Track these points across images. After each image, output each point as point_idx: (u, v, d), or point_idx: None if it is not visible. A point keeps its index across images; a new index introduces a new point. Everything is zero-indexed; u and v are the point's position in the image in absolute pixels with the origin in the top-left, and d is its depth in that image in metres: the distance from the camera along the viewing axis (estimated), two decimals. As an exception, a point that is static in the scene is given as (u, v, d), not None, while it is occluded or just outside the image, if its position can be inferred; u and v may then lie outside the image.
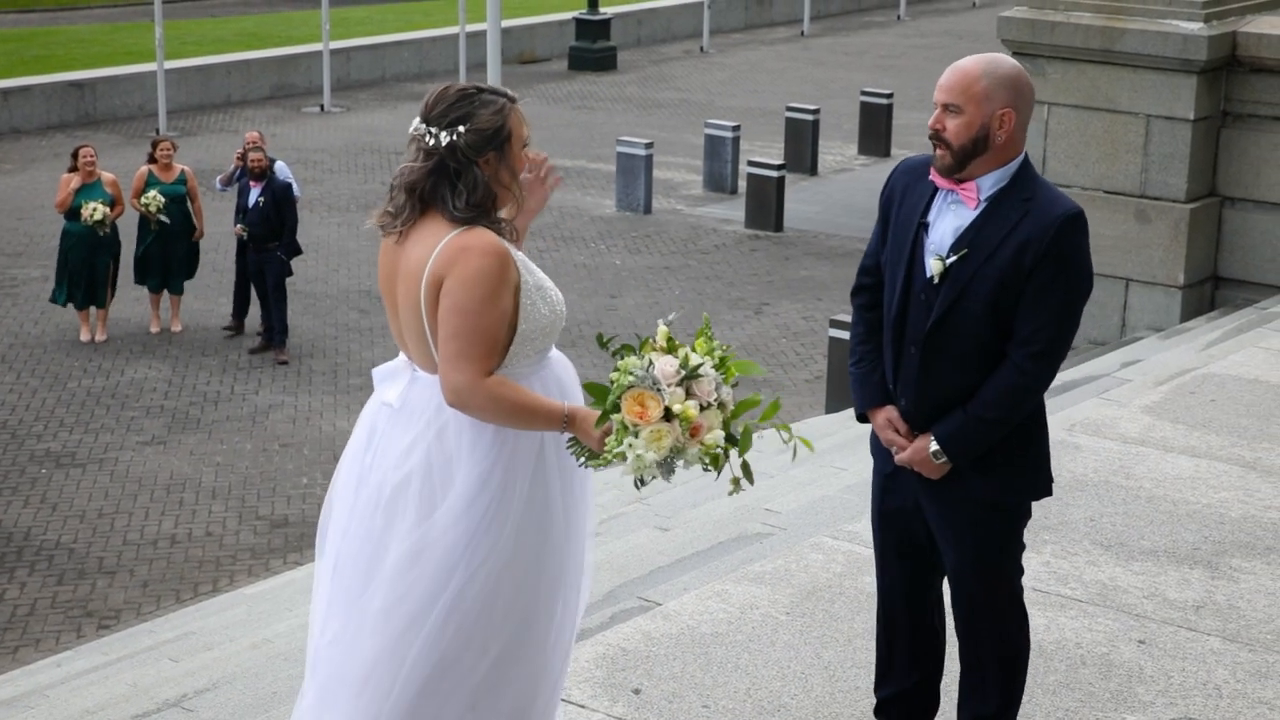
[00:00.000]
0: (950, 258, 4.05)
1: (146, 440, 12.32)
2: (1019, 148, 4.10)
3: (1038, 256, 3.96)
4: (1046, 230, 3.97)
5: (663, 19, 31.62)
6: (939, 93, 4.11)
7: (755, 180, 18.30)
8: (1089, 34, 8.95)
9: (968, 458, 4.08)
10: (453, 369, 3.81)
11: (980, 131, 4.02)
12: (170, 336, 14.55)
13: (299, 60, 26.12)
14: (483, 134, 3.87)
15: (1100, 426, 6.15)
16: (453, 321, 3.80)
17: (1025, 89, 4.07)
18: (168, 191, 14.32)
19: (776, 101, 24.14)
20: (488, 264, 3.80)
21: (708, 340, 3.77)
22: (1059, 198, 4.07)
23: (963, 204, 4.09)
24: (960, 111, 4.04)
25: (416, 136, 3.88)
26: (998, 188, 4.07)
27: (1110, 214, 9.16)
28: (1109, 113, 9.04)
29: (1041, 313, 3.98)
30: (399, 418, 3.97)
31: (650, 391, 3.66)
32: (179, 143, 21.81)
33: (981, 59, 4.11)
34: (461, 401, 3.82)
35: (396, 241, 3.92)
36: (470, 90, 3.91)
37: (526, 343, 3.90)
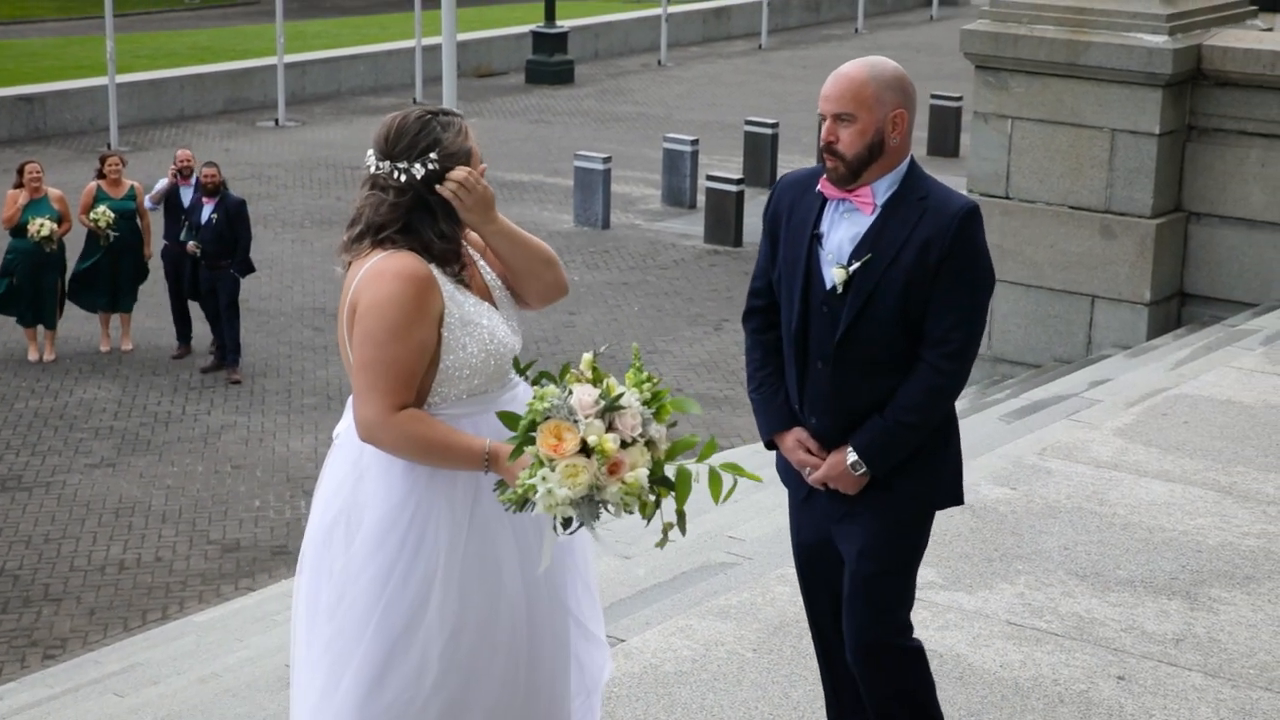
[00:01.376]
0: (853, 265, 3.97)
1: (95, 463, 12.05)
2: (908, 148, 4.03)
3: (942, 254, 3.91)
4: (947, 227, 3.91)
5: (620, 32, 31.50)
6: (826, 103, 3.99)
7: (714, 194, 18.16)
8: (1053, 47, 8.83)
9: (887, 466, 3.97)
10: (361, 402, 3.62)
11: (875, 137, 3.93)
12: (120, 355, 14.29)
13: (253, 74, 25.87)
14: (453, 158, 3.71)
15: (1071, 450, 6.00)
16: (362, 351, 3.62)
17: (910, 88, 4.02)
18: (117, 207, 14.06)
19: (735, 115, 24.03)
20: (399, 289, 3.59)
21: (637, 372, 3.54)
22: (952, 194, 4.02)
23: (857, 211, 4.01)
24: (853, 119, 3.94)
25: (380, 175, 3.69)
26: (892, 191, 3.99)
27: (1075, 230, 9.04)
28: (1073, 127, 8.92)
29: (952, 311, 3.92)
30: (336, 454, 3.82)
31: (566, 422, 3.42)
32: (130, 157, 21.57)
33: (863, 63, 4.02)
34: (371, 436, 3.63)
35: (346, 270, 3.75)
36: (426, 116, 3.75)
37: (454, 381, 3.68)
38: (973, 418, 7.92)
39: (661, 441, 3.50)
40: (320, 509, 3.79)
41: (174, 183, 14.02)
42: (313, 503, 3.88)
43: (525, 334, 3.91)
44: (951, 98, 22.91)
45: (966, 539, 5.59)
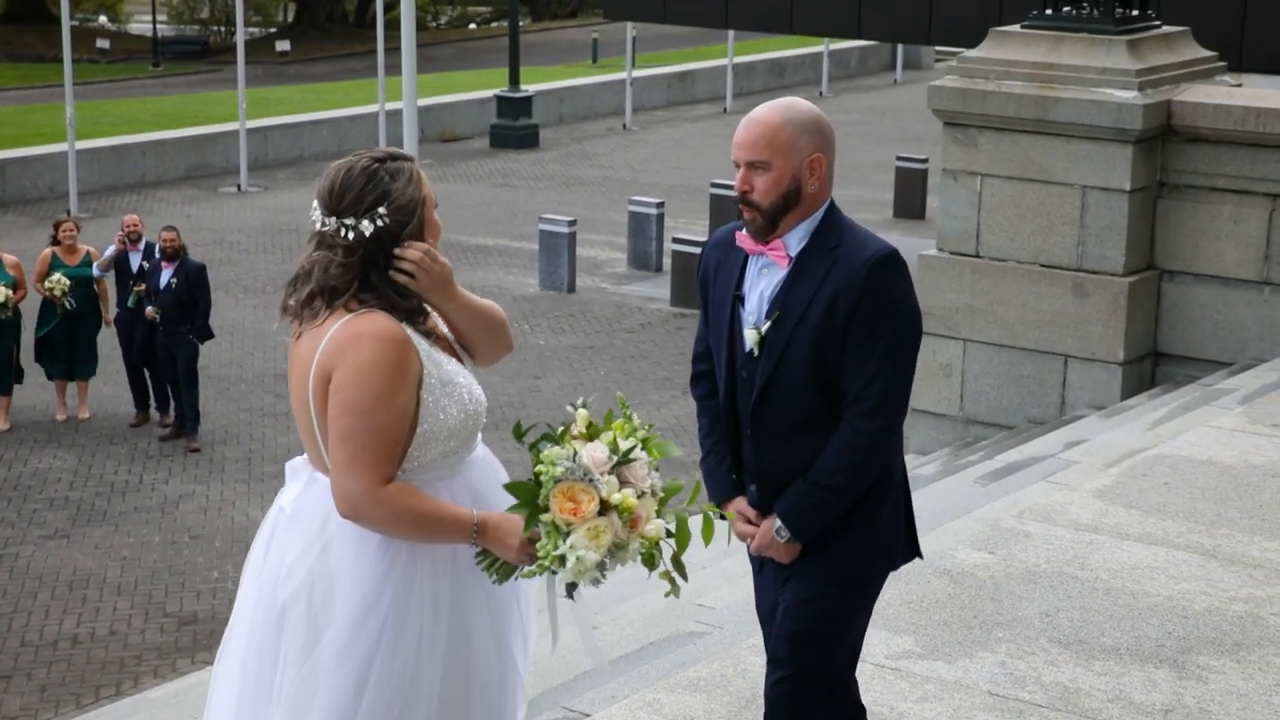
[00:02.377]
0: (765, 325, 3.79)
1: (49, 534, 11.77)
2: (826, 194, 3.83)
3: (850, 307, 3.70)
4: (855, 278, 3.70)
5: (585, 97, 31.50)
6: (739, 150, 3.79)
7: (680, 257, 18.03)
8: (1021, 103, 8.73)
9: (813, 531, 3.77)
10: (346, 476, 3.36)
11: (791, 184, 3.75)
12: (77, 424, 14.04)
13: (215, 140, 25.73)
14: (404, 211, 3.45)
15: (1050, 512, 5.83)
16: (344, 421, 3.36)
17: (828, 130, 3.83)
18: (72, 274, 13.83)
19: (700, 178, 23.98)
20: (380, 354, 3.35)
21: (628, 421, 3.38)
22: (869, 241, 3.78)
23: (775, 265, 3.82)
24: (768, 167, 3.75)
25: (326, 233, 3.44)
26: (805, 242, 3.80)
27: (1047, 288, 8.91)
28: (1044, 184, 8.81)
29: (866, 367, 3.71)
30: (291, 526, 3.53)
31: (582, 484, 3.25)
32: (91, 224, 21.35)
33: (777, 106, 3.80)
34: (356, 513, 3.37)
35: (295, 338, 3.51)
36: (372, 166, 3.47)
37: (430, 445, 3.45)
38: (946, 480, 7.74)
39: (660, 489, 3.37)
40: (269, 586, 3.51)
41: (122, 249, 13.80)
42: (250, 579, 3.60)
43: (490, 400, 3.71)
44: (917, 160, 22.93)
45: (945, 605, 5.40)
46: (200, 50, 51.37)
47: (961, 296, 9.17)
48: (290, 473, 3.65)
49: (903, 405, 3.81)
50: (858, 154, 27.20)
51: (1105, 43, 8.68)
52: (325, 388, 3.39)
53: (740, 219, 3.86)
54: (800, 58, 36.30)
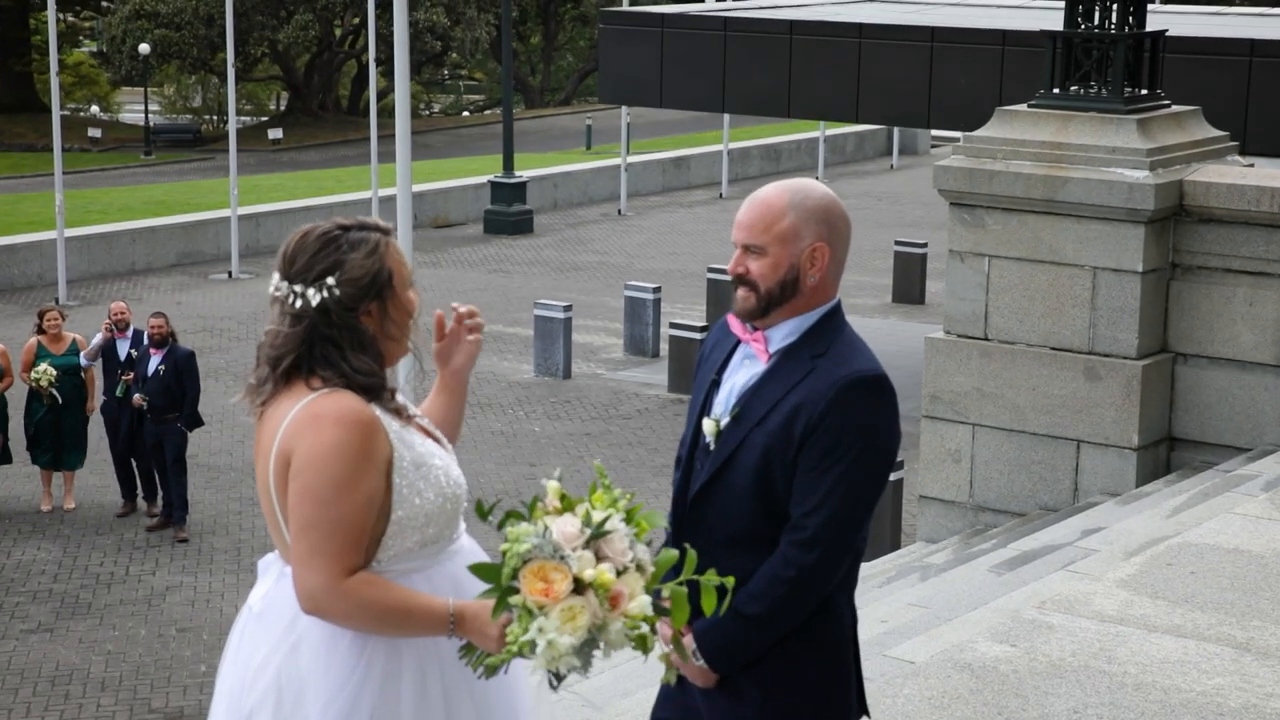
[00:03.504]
0: (724, 419, 3.49)
1: (31, 628, 11.47)
2: (830, 292, 3.51)
3: (810, 425, 3.35)
4: (823, 394, 3.35)
5: (579, 182, 31.45)
6: (738, 231, 3.50)
7: (678, 343, 17.83)
8: (1030, 183, 8.55)
9: (728, 664, 3.39)
10: (305, 569, 3.10)
11: (789, 273, 3.45)
12: (62, 515, 13.77)
13: (206, 226, 25.59)
14: (358, 284, 3.19)
15: (1073, 603, 5.56)
16: (302, 511, 3.10)
17: (839, 220, 3.51)
18: (58, 363, 13.60)
19: (697, 263, 23.85)
20: (343, 436, 3.10)
21: (607, 491, 3.10)
22: (855, 356, 3.42)
23: (755, 358, 3.53)
24: (764, 253, 3.46)
25: (279, 298, 3.22)
26: (789, 340, 3.48)
27: (1058, 371, 8.68)
28: (1053, 265, 8.61)
29: (813, 493, 3.34)
30: (259, 625, 3.27)
31: (553, 561, 2.97)
32: (80, 312, 21.14)
33: (786, 188, 3.51)
34: (318, 607, 3.11)
35: (258, 418, 3.26)
36: (334, 232, 3.23)
37: (406, 533, 3.19)
38: (959, 569, 7.48)
39: (648, 564, 3.07)
40: (236, 689, 3.25)
41: (109, 337, 13.58)
42: (220, 684, 3.33)
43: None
44: (915, 244, 22.81)
45: (967, 701, 5.12)
46: (192, 139, 51.54)
47: (970, 380, 8.95)
48: (262, 569, 3.39)
49: (847, 542, 3.38)
50: (855, 239, 26.86)
51: (1115, 122, 8.52)
52: (286, 472, 3.14)
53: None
54: (796, 143, 36.35)
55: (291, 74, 54.09)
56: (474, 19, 50.37)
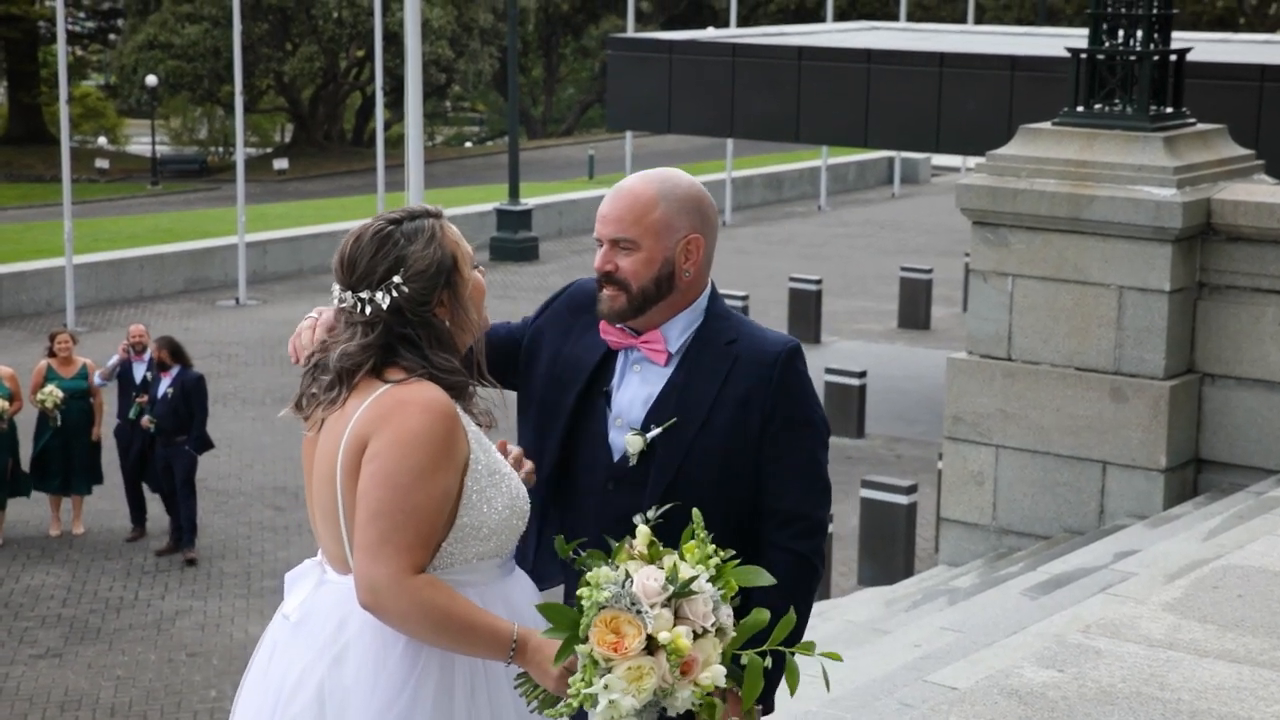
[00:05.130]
0: (654, 431, 3.23)
1: (40, 653, 11.34)
2: (705, 281, 3.35)
3: (766, 411, 3.23)
4: (768, 377, 3.24)
5: (584, 210, 31.43)
6: (603, 225, 3.30)
7: (687, 368, 17.70)
8: (1054, 201, 8.47)
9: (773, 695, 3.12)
10: (371, 559, 2.91)
11: (664, 269, 3.26)
12: (71, 540, 13.66)
13: (213, 254, 25.56)
14: (425, 275, 3.04)
15: (1119, 627, 5.43)
16: (376, 495, 2.92)
17: (710, 209, 3.36)
18: (67, 387, 13.51)
19: (703, 290, 23.75)
20: (429, 424, 2.94)
21: (701, 544, 2.89)
22: (767, 334, 3.33)
23: (649, 362, 3.30)
24: (635, 247, 3.26)
25: (345, 309, 3.07)
26: (689, 335, 3.30)
27: (1083, 392, 8.59)
28: (1079, 284, 8.52)
29: (794, 479, 3.23)
30: (297, 634, 3.07)
31: (628, 614, 2.79)
32: (88, 337, 21.06)
33: (652, 178, 3.32)
34: (379, 603, 2.91)
35: (317, 428, 3.08)
36: (386, 228, 3.07)
37: (469, 542, 3.03)
38: (989, 593, 7.37)
39: (730, 628, 2.86)
40: (271, 705, 3.05)
41: (125, 358, 13.52)
42: (248, 700, 3.13)
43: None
44: (921, 270, 22.77)
45: (1011, 727, 5.00)
46: (198, 169, 51.61)
47: (993, 401, 8.85)
48: (291, 581, 3.20)
49: (829, 506, 3.33)
50: (859, 266, 27.04)
51: (1141, 139, 8.44)
52: (358, 459, 2.96)
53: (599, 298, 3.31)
54: (798, 172, 36.34)
55: (297, 105, 54.17)
56: (477, 51, 50.48)
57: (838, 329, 22.10)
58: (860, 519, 12.68)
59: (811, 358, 19.83)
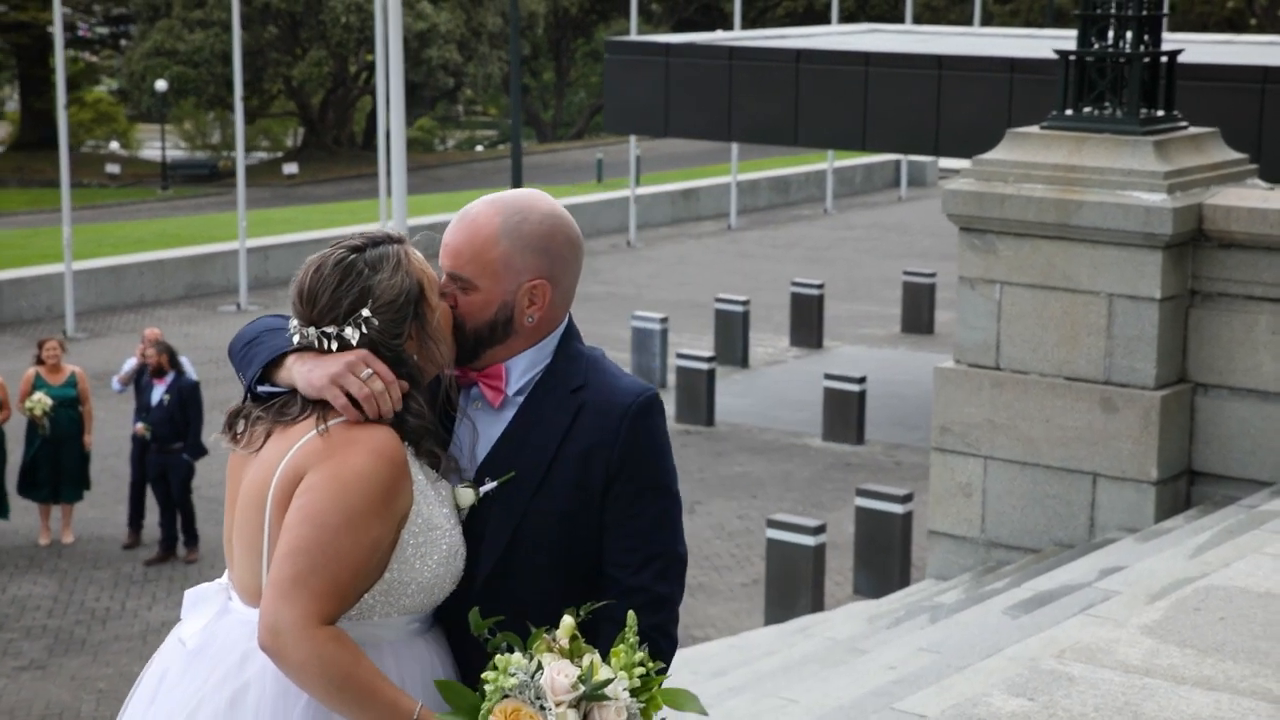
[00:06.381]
0: (488, 484, 2.91)
1: (23, 665, 11.22)
2: (558, 319, 3.02)
3: (611, 470, 2.89)
4: (614, 430, 2.89)
5: (589, 214, 31.29)
6: (443, 254, 2.96)
7: (685, 373, 17.58)
8: (1042, 207, 8.28)
9: None
10: (279, 596, 2.70)
11: (500, 313, 2.93)
12: (60, 549, 13.55)
13: (214, 259, 25.48)
14: (394, 307, 2.84)
15: (1094, 652, 5.25)
16: (300, 532, 2.72)
17: (564, 247, 2.98)
18: (56, 394, 13.39)
19: (705, 294, 23.63)
20: (375, 469, 2.75)
21: (630, 650, 2.69)
22: (620, 380, 2.98)
23: (486, 403, 2.97)
24: (472, 286, 2.91)
25: (306, 346, 2.86)
26: (530, 377, 2.97)
27: (1073, 402, 8.40)
28: (1068, 292, 8.33)
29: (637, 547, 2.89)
30: (192, 664, 2.86)
31: (530, 708, 2.62)
32: (88, 344, 20.98)
33: (500, 207, 2.94)
34: (278, 647, 2.70)
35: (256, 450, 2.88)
36: (347, 258, 2.85)
37: (393, 596, 2.82)
38: (972, 610, 7.18)
39: None
40: None
41: (142, 363, 13.42)
42: None
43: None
44: (924, 274, 22.60)
45: (979, 756, 4.82)
46: (209, 173, 51.58)
47: (981, 411, 8.66)
48: (191, 601, 2.98)
49: (682, 575, 2.95)
50: (864, 269, 26.87)
51: (1131, 143, 8.25)
52: (291, 490, 2.76)
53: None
54: (805, 175, 36.19)
55: (306, 110, 54.13)
56: (486, 55, 50.39)
57: (840, 334, 21.93)
58: (855, 528, 12.52)
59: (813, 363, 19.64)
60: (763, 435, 17.17)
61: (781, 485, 15.46)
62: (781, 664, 7.40)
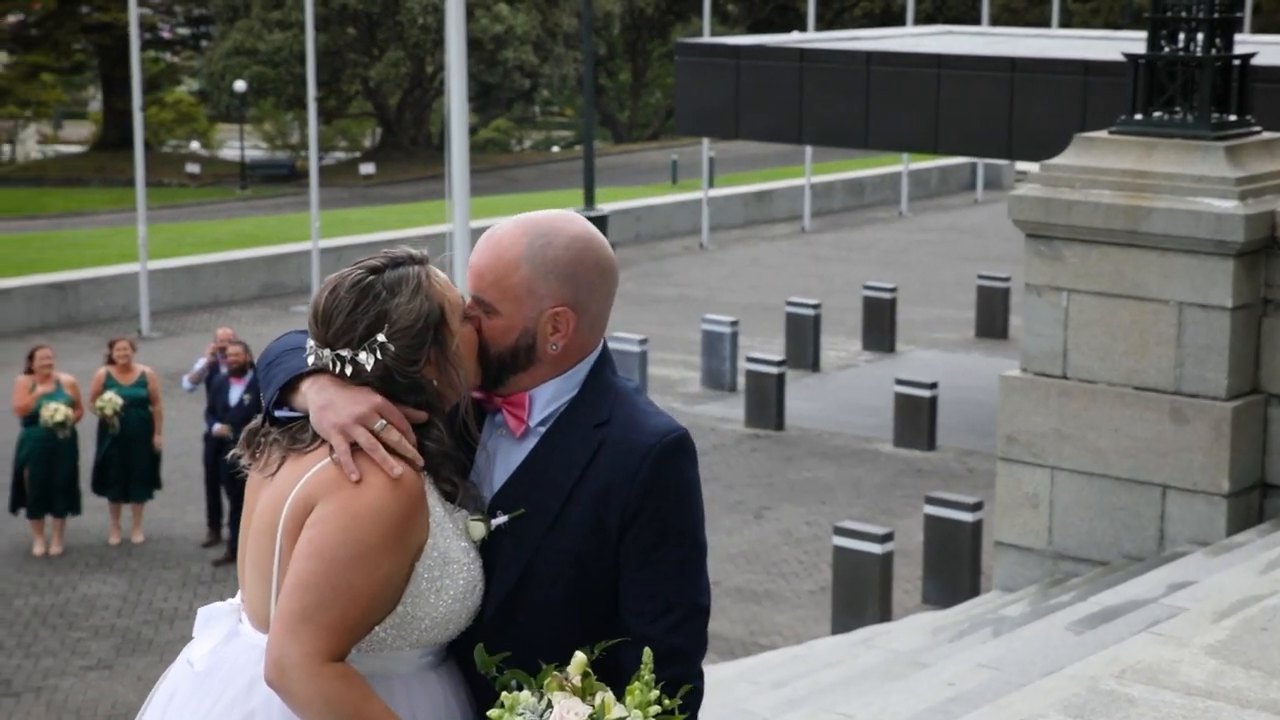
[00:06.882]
0: (499, 518, 2.79)
1: (91, 664, 11.31)
2: (587, 346, 2.85)
3: (627, 513, 2.74)
4: (634, 471, 2.74)
5: (661, 215, 31.25)
6: (469, 276, 2.85)
7: (755, 377, 17.49)
8: (1111, 214, 8.13)
9: None
10: (286, 632, 2.63)
11: (523, 339, 2.80)
12: (130, 548, 13.65)
13: (289, 259, 25.66)
14: (411, 332, 2.72)
15: (1156, 672, 5.13)
16: (309, 566, 2.64)
17: (590, 272, 2.82)
18: (126, 394, 13.51)
19: (777, 297, 23.51)
20: (389, 502, 2.66)
21: (645, 687, 2.59)
22: (648, 418, 2.80)
23: (509, 431, 2.85)
24: (494, 311, 2.80)
25: (321, 368, 2.78)
26: (554, 409, 2.83)
27: (1142, 413, 8.24)
28: (1136, 300, 8.17)
29: (653, 596, 2.75)
30: (200, 687, 2.80)
31: None
32: (163, 343, 21.19)
33: (526, 229, 2.81)
34: (284, 683, 2.64)
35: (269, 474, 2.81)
36: (366, 279, 2.74)
37: (405, 631, 2.74)
38: (1036, 624, 7.06)
39: None
40: None
41: (213, 362, 13.50)
42: None
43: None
44: (999, 278, 22.36)
45: (1034, 778, 4.72)
46: (287, 174, 52.01)
47: (1048, 421, 8.52)
48: (203, 620, 2.92)
49: (703, 627, 2.79)
50: (938, 273, 26.64)
51: (1201, 149, 8.08)
52: (302, 520, 2.69)
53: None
54: (879, 177, 35.95)
55: (384, 110, 54.47)
56: (562, 56, 50.46)
57: (914, 338, 21.74)
58: (924, 536, 12.38)
59: (884, 367, 19.49)
60: (833, 440, 17.04)
61: (851, 491, 15.34)
62: (841, 677, 7.31)
